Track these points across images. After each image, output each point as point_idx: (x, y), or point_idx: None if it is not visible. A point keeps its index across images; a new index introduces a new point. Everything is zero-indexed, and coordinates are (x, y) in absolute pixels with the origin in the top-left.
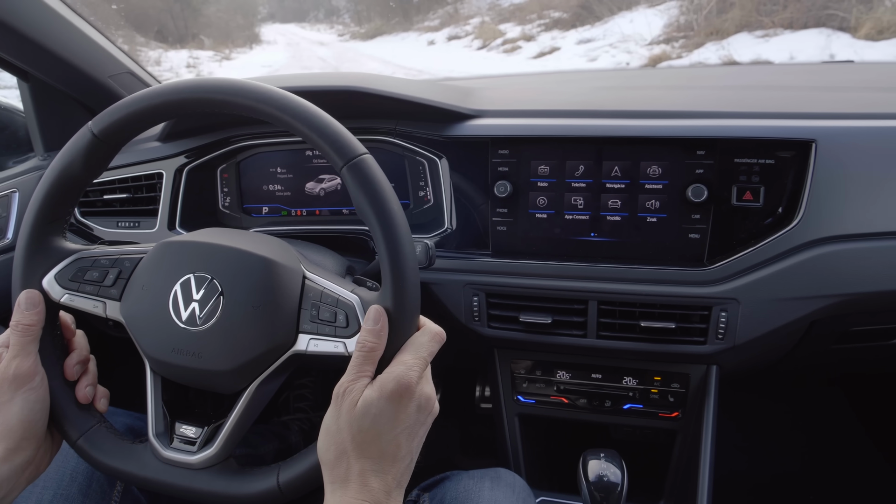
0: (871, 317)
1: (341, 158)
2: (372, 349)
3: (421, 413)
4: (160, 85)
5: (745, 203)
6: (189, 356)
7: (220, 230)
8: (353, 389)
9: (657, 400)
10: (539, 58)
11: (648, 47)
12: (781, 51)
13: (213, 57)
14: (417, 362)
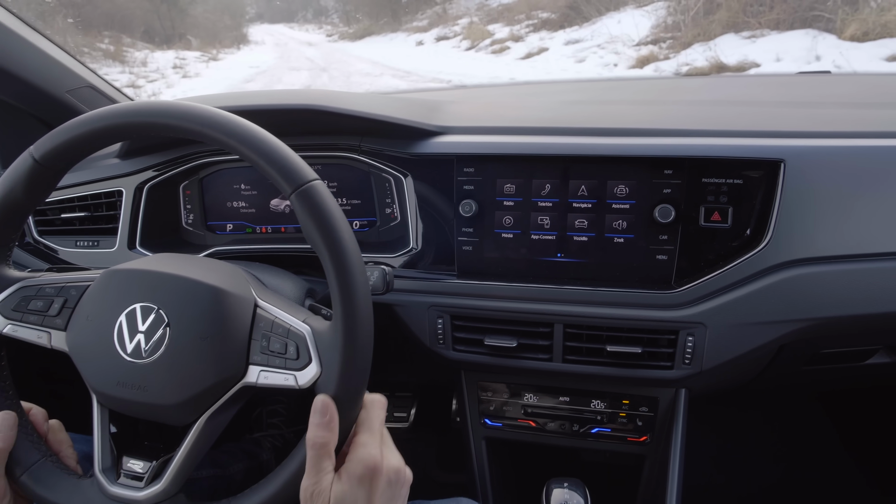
0: (841, 340)
1: (289, 185)
2: (324, 444)
3: (393, 487)
4: (104, 108)
5: (713, 224)
6: (134, 390)
7: (170, 256)
8: (321, 490)
9: (625, 424)
10: (527, 59)
11: (636, 48)
12: (768, 52)
13: (200, 57)
14: (374, 438)
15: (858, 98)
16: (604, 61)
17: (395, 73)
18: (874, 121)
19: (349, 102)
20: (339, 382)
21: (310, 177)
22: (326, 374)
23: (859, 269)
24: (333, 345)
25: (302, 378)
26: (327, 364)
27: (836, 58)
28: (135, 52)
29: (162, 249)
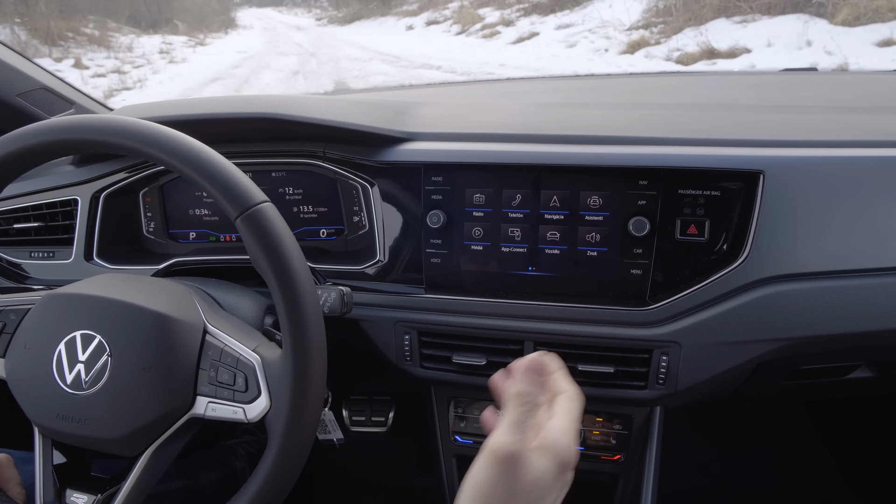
0: (822, 357)
1: (235, 208)
2: (534, 401)
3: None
4: (37, 125)
5: (689, 237)
6: (75, 423)
7: (116, 278)
8: (521, 454)
9: (598, 442)
10: (518, 43)
11: (627, 33)
12: (759, 37)
13: (187, 42)
14: (573, 431)
15: (844, 101)
16: (595, 46)
17: (384, 59)
18: (860, 128)
19: (310, 109)
20: (289, 418)
21: (257, 199)
22: (276, 409)
23: (840, 286)
24: (283, 377)
25: (251, 412)
26: (277, 398)
27: (826, 43)
28: (120, 37)
29: (122, 260)
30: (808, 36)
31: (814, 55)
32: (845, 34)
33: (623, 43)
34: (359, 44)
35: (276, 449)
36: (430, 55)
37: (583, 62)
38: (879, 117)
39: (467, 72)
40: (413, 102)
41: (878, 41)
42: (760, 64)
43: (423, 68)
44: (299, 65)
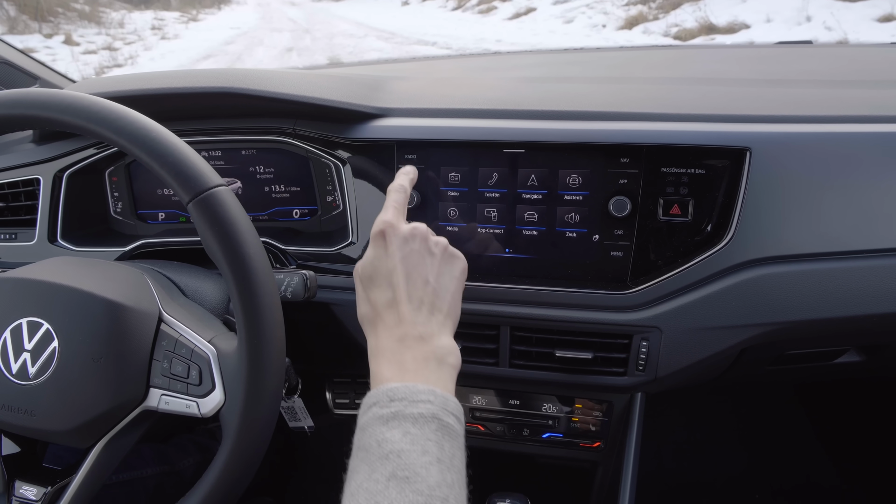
0: (808, 342)
1: (187, 192)
2: (400, 190)
3: (411, 242)
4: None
5: (672, 218)
6: (20, 414)
7: (67, 262)
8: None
9: (578, 429)
10: (514, 19)
11: (625, 8)
12: (758, 12)
13: (180, 18)
14: (386, 209)
15: (839, 75)
16: (592, 22)
17: (379, 35)
18: (853, 102)
19: (278, 84)
20: (243, 413)
21: (210, 183)
22: (230, 404)
23: (829, 268)
24: (238, 371)
25: (204, 406)
26: (231, 392)
27: (826, 18)
28: (111, 12)
29: (88, 241)
30: (807, 11)
31: (813, 30)
32: (845, 9)
33: (621, 18)
34: (354, 20)
35: (229, 446)
36: (426, 31)
37: (580, 38)
38: (874, 91)
39: (463, 48)
40: (388, 77)
41: (879, 16)
42: (759, 40)
43: (419, 44)
44: (293, 41)
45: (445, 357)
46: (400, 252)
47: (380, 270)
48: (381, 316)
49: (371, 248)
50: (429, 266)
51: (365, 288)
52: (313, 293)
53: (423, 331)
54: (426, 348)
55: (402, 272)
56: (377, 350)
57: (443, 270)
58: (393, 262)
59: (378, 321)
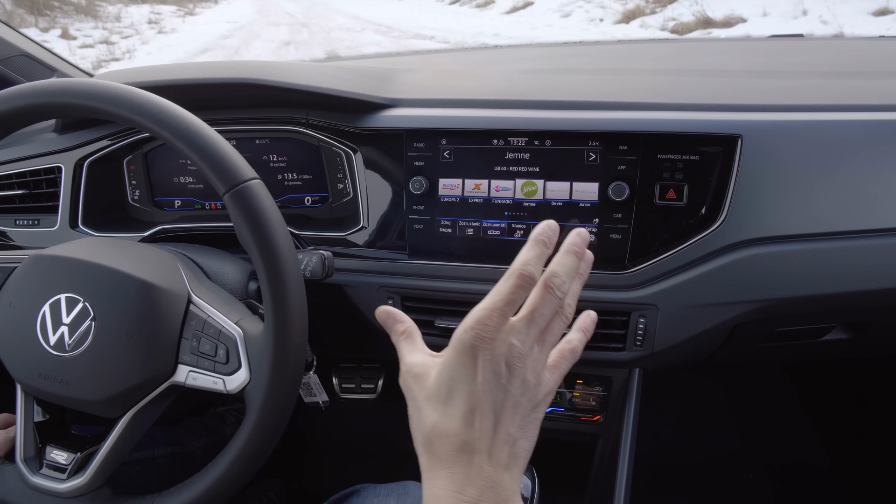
0: (797, 319)
1: (224, 184)
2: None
3: (418, 379)
4: (24, 86)
5: (668, 202)
6: (57, 383)
7: (102, 242)
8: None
9: (579, 403)
10: (512, 13)
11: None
12: (755, 5)
13: (177, 12)
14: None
15: (828, 66)
16: (590, 16)
17: (376, 29)
18: (839, 92)
19: (292, 75)
20: (268, 392)
21: (246, 176)
22: (255, 382)
23: (815, 248)
24: (264, 353)
25: (230, 383)
26: (257, 372)
27: (822, 12)
28: (108, 6)
29: (106, 228)
30: (803, 5)
31: (809, 24)
32: (841, 3)
33: (618, 12)
34: (351, 13)
35: (253, 421)
36: (423, 25)
37: (577, 32)
38: (861, 82)
39: (460, 42)
40: (396, 69)
41: (874, 10)
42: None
43: (416, 38)
44: (290, 35)
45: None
46: (491, 385)
47: (456, 395)
48: (443, 457)
49: (454, 357)
50: (519, 416)
51: (428, 400)
52: (331, 272)
53: (495, 485)
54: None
55: (489, 414)
56: (433, 498)
57: (530, 420)
58: (477, 398)
59: (437, 461)
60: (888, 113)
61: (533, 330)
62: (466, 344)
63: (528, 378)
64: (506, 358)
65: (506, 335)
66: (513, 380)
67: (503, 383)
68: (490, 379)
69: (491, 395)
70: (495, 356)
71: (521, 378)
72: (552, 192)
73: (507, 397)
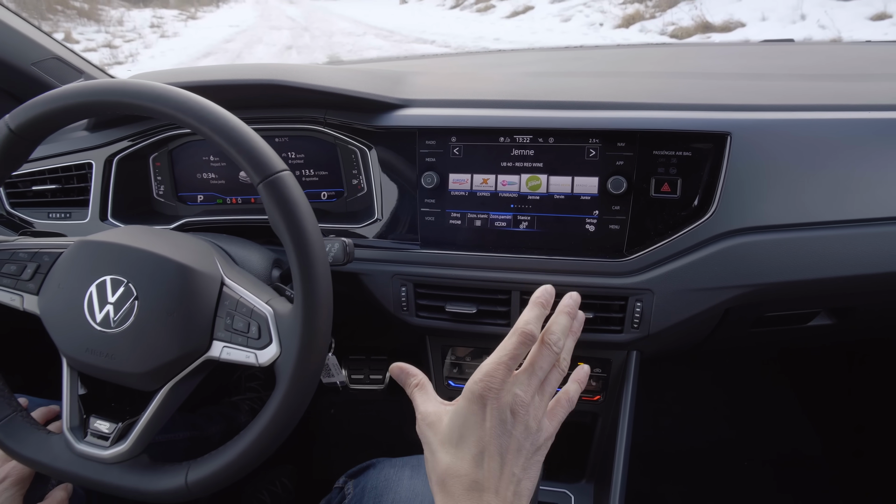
0: (781, 304)
1: (258, 174)
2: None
3: (432, 427)
4: (81, 84)
5: (662, 195)
6: (102, 357)
7: (142, 230)
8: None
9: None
10: (512, 17)
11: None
12: (754, 10)
13: (178, 16)
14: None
15: (815, 69)
16: (590, 20)
17: (378, 33)
18: (822, 93)
19: (311, 77)
20: (297, 364)
21: (278, 167)
22: (285, 356)
23: (799, 237)
24: (293, 329)
25: (262, 357)
26: (286, 346)
27: (820, 17)
28: (110, 10)
29: (134, 221)
30: (802, 10)
31: (808, 29)
32: (839, 8)
33: (618, 17)
34: (352, 18)
35: (283, 390)
36: (425, 29)
37: (577, 36)
38: (844, 84)
39: (461, 46)
40: (408, 72)
41: (872, 15)
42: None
43: (417, 43)
44: (292, 39)
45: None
46: (498, 430)
47: (467, 439)
48: (455, 495)
49: (465, 405)
50: (523, 458)
51: (442, 444)
52: (351, 258)
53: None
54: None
55: (496, 456)
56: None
57: (532, 462)
58: (486, 442)
59: (450, 499)
60: (868, 112)
61: (534, 381)
62: (476, 394)
63: (530, 424)
64: (511, 406)
65: (510, 386)
66: (517, 425)
67: (508, 428)
68: (497, 425)
69: (497, 439)
70: (501, 404)
71: (524, 424)
72: (555, 186)
73: (512, 441)
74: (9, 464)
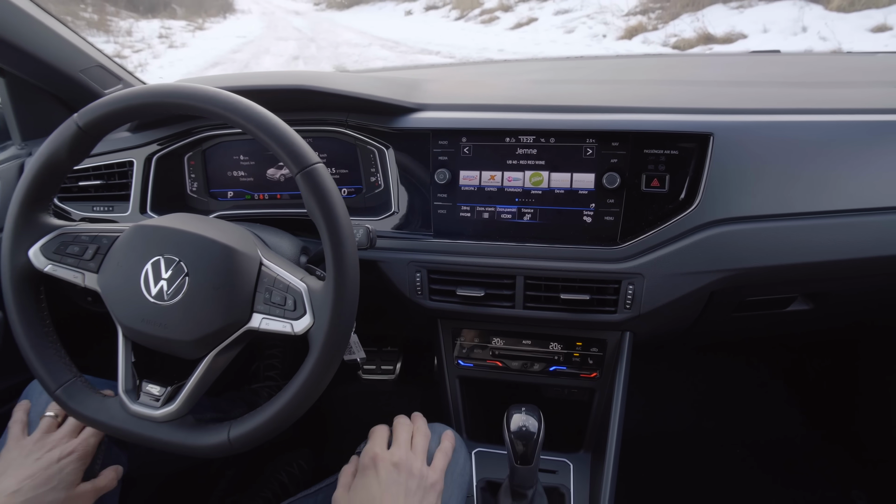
0: (761, 288)
1: (297, 165)
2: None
3: (399, 472)
4: (142, 87)
5: (652, 189)
6: (156, 326)
7: (188, 216)
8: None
9: (578, 362)
10: (516, 29)
11: (625, 18)
12: (755, 22)
13: (186, 27)
14: (382, 442)
15: (794, 78)
16: (593, 32)
17: (383, 44)
18: (797, 98)
19: (337, 83)
20: (328, 332)
21: (314, 160)
22: (318, 325)
23: (775, 226)
24: (325, 301)
25: (297, 326)
26: (319, 316)
27: (821, 29)
28: (119, 21)
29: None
30: (803, 21)
31: (809, 41)
32: (840, 20)
33: (621, 28)
34: (358, 29)
35: (316, 355)
36: (429, 40)
37: (581, 47)
38: (817, 90)
39: (466, 57)
40: (421, 79)
41: (872, 27)
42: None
43: (422, 53)
44: (299, 50)
45: None
46: (388, 482)
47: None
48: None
49: (360, 476)
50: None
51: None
52: (374, 243)
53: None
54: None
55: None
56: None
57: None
58: (380, 491)
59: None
60: (837, 115)
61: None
62: (366, 461)
63: (412, 471)
64: (393, 464)
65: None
66: (399, 474)
67: (398, 479)
68: (387, 477)
69: (390, 491)
70: (384, 463)
71: (406, 471)
72: (555, 182)
73: (401, 488)
74: (76, 440)
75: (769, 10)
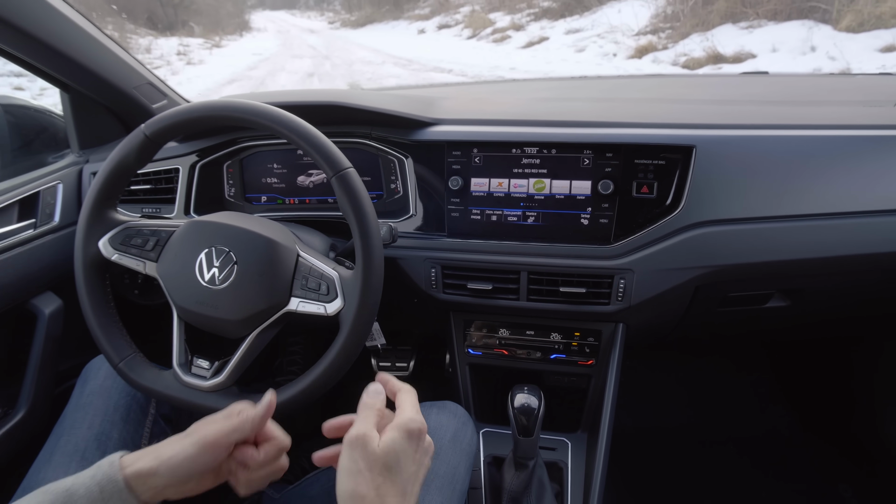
0: (740, 284)
1: (332, 170)
2: (375, 406)
3: (427, 453)
4: (200, 102)
5: (642, 195)
6: (208, 307)
7: (236, 214)
8: (372, 436)
9: (576, 351)
10: (528, 48)
11: (635, 38)
12: (764, 42)
13: (204, 44)
14: (418, 411)
15: (774, 97)
16: (603, 51)
17: (396, 62)
18: (774, 115)
19: (363, 100)
20: (357, 313)
21: (347, 165)
22: (348, 307)
23: (750, 228)
24: (354, 287)
25: (330, 308)
26: (349, 300)
27: (830, 49)
28: (139, 38)
29: None
30: (812, 41)
31: (818, 60)
32: (849, 40)
33: (631, 48)
34: (371, 47)
35: (346, 333)
36: (442, 59)
37: (591, 66)
38: (793, 108)
39: (478, 75)
40: (437, 97)
41: (881, 47)
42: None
43: (435, 71)
44: (314, 67)
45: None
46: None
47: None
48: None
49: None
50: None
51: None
52: (395, 239)
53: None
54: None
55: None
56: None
57: (420, 476)
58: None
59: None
60: (807, 130)
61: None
62: (352, 437)
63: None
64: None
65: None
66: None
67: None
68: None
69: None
70: (370, 442)
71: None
72: (556, 188)
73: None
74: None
75: (778, 31)
